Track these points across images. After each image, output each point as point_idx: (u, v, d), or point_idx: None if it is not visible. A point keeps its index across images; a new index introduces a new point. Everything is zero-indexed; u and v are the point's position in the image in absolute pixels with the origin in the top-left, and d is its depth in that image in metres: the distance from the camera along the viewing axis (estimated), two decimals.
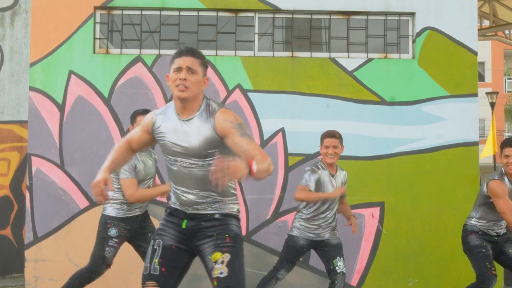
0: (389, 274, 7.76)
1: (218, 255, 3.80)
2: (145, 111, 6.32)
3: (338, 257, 6.34)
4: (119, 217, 6.13)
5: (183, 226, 3.94)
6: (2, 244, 10.27)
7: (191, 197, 3.90)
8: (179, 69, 3.82)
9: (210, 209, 3.92)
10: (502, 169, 6.13)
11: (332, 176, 6.17)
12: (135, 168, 6.06)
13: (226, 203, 3.96)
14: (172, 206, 4.02)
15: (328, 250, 6.33)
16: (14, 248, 10.15)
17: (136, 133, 4.15)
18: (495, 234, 6.27)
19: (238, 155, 3.60)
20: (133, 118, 6.58)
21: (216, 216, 3.91)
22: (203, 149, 3.80)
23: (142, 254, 6.34)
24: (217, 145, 3.78)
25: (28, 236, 7.68)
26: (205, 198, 3.90)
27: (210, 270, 3.80)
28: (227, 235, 3.87)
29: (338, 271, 6.25)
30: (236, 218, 3.98)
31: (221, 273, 3.75)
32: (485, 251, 6.22)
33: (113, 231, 6.14)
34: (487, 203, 6.13)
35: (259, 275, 7.58)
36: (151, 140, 4.09)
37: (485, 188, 6.10)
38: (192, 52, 3.87)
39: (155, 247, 3.94)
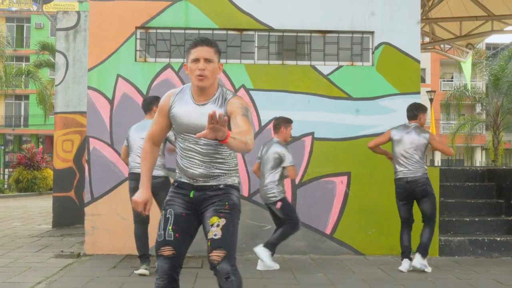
0: (354, 225, 7.79)
1: (215, 219, 3.28)
2: (158, 99, 6.18)
3: None
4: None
5: (191, 195, 3.40)
6: (68, 203, 10.35)
7: (200, 171, 3.35)
8: (196, 60, 3.29)
9: (215, 181, 3.38)
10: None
11: None
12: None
13: (229, 175, 3.42)
14: (179, 180, 3.46)
15: None
16: (76, 205, 10.22)
17: (155, 124, 3.51)
18: None
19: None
20: (149, 107, 6.53)
21: (221, 186, 3.38)
22: None
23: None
24: (227, 127, 3.16)
25: (87, 197, 7.69)
26: (213, 172, 3.36)
27: (207, 232, 3.31)
28: (226, 203, 3.34)
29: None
30: (237, 189, 3.47)
31: (215, 235, 3.24)
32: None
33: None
34: None
35: (258, 226, 7.63)
36: (170, 122, 3.47)
37: None
38: (207, 42, 3.34)
39: (167, 216, 3.38)
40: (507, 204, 8.55)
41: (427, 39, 15.31)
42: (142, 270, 6.21)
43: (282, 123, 6.75)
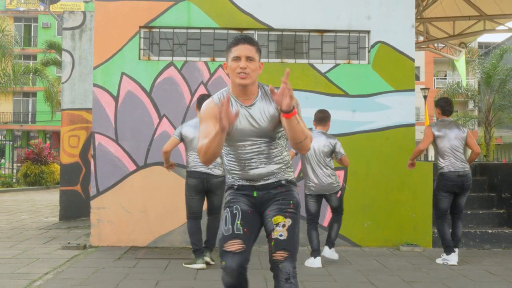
0: (351, 217, 7.78)
1: (280, 219, 3.07)
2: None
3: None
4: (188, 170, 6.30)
5: (255, 195, 3.17)
6: (74, 196, 10.36)
7: (260, 171, 3.13)
8: (237, 58, 3.06)
9: (276, 177, 3.16)
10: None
11: None
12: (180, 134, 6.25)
13: (287, 171, 3.21)
14: (237, 183, 3.20)
15: None
16: (82, 199, 10.22)
17: (209, 127, 3.08)
18: None
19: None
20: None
21: (283, 182, 3.17)
22: (271, 127, 3.08)
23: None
24: (279, 121, 3.11)
25: (92, 191, 7.69)
26: (273, 169, 3.14)
27: (270, 231, 3.09)
28: (291, 202, 3.14)
29: None
30: (296, 185, 3.25)
31: (280, 235, 3.03)
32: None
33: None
34: None
35: None
36: None
37: None
38: (249, 40, 3.10)
39: (234, 212, 3.13)
40: (498, 197, 8.56)
41: (421, 38, 15.28)
42: (206, 260, 6.21)
43: (329, 116, 6.73)
